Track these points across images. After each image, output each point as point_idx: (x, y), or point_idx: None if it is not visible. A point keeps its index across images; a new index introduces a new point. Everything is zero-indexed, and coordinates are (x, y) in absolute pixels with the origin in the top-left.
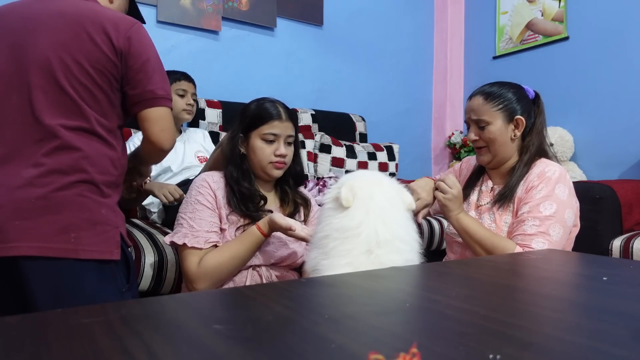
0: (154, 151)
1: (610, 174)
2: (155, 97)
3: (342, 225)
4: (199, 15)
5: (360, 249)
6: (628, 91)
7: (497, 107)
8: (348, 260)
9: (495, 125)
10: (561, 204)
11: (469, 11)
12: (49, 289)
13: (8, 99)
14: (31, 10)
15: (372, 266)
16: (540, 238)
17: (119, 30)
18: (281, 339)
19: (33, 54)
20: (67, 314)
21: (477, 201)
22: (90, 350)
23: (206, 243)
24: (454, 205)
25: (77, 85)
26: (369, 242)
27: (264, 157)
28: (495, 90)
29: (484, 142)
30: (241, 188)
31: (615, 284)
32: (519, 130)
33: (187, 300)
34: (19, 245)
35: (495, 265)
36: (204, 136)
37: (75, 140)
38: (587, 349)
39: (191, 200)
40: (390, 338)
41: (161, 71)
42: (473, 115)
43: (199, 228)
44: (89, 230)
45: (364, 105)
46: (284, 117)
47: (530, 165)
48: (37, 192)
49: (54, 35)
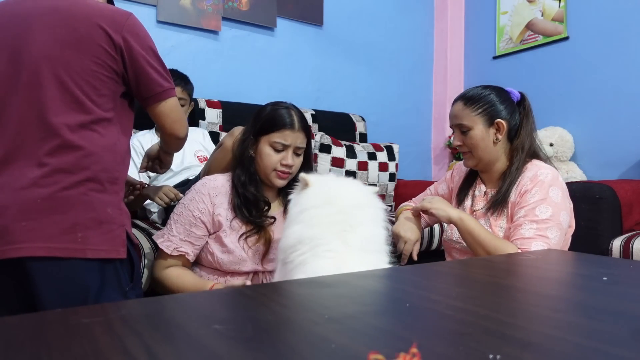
0: (172, 141)
1: (610, 174)
2: (162, 91)
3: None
4: (199, 15)
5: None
6: (628, 91)
7: (477, 112)
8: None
9: (476, 130)
10: (556, 207)
11: (469, 11)
12: (56, 289)
13: (7, 98)
14: (24, 8)
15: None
16: (539, 241)
17: (115, 24)
18: (281, 339)
19: (31, 52)
20: (67, 314)
21: (471, 206)
22: (90, 350)
23: (175, 250)
24: (447, 206)
25: (79, 81)
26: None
27: (270, 164)
28: (475, 94)
29: (467, 147)
30: (246, 192)
31: (615, 284)
32: (500, 133)
33: (187, 300)
34: (26, 246)
35: (495, 265)
36: (204, 135)
37: (77, 138)
38: (587, 349)
39: (183, 202)
40: (390, 338)
41: (160, 60)
42: (455, 121)
43: (176, 233)
44: (95, 230)
45: (364, 105)
46: (297, 127)
47: (521, 168)
48: (42, 192)
49: (50, 31)
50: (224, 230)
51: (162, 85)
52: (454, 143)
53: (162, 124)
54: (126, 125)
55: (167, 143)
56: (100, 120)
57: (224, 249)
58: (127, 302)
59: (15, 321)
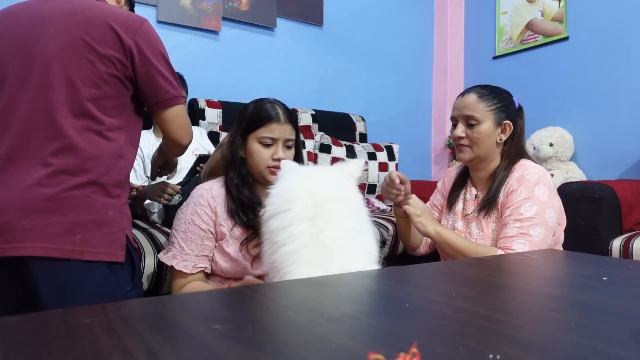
0: (175, 148)
1: (610, 174)
2: (170, 98)
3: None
4: (199, 15)
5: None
6: (628, 91)
7: (490, 108)
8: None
9: (485, 125)
10: (542, 205)
11: (469, 11)
12: (55, 289)
13: (17, 96)
14: (40, 10)
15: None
16: (521, 239)
17: (128, 29)
18: (281, 339)
19: (44, 53)
20: (67, 314)
21: (463, 210)
22: (90, 350)
23: (194, 268)
24: (429, 222)
25: (89, 84)
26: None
27: (261, 162)
28: (490, 91)
29: (470, 140)
30: (241, 196)
31: (615, 284)
32: (505, 135)
33: (187, 300)
34: (26, 245)
35: (495, 266)
36: (201, 134)
37: (82, 140)
38: (587, 349)
39: (185, 219)
40: (390, 338)
41: (170, 67)
42: (465, 111)
43: (189, 251)
44: (95, 232)
45: (364, 105)
46: (283, 120)
47: (510, 168)
48: (45, 192)
49: (64, 34)
50: (226, 240)
51: (169, 92)
52: (456, 134)
53: (166, 131)
54: (133, 130)
55: (170, 149)
56: (107, 125)
57: (226, 258)
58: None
59: (15, 321)
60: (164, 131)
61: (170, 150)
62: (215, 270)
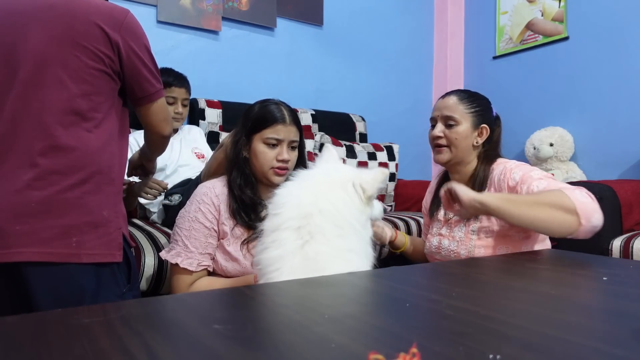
0: (158, 139)
1: (610, 174)
2: (156, 91)
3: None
4: (199, 15)
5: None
6: (628, 91)
7: (470, 110)
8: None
9: (463, 127)
10: (532, 169)
11: (469, 11)
12: (51, 293)
13: (1, 96)
14: (18, 4)
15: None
16: (559, 184)
17: (114, 22)
18: (281, 339)
19: (26, 50)
20: (67, 314)
21: (445, 215)
22: (90, 350)
23: (198, 266)
24: (469, 190)
25: (78, 80)
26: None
27: (266, 162)
28: (470, 95)
29: (448, 141)
30: (243, 196)
31: (615, 284)
32: (481, 138)
33: (187, 300)
34: (21, 250)
35: (495, 266)
36: (200, 133)
37: (71, 138)
38: (587, 349)
39: (189, 217)
40: (390, 338)
41: (153, 60)
42: (445, 112)
43: (193, 249)
44: (91, 234)
45: (364, 105)
46: (288, 121)
47: (489, 168)
48: (36, 195)
49: (46, 28)
50: (227, 239)
51: (155, 86)
52: (435, 133)
53: (149, 122)
54: (122, 125)
55: (153, 142)
56: (96, 120)
57: (227, 257)
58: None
59: (15, 321)
60: (147, 124)
61: (154, 143)
62: (216, 269)
